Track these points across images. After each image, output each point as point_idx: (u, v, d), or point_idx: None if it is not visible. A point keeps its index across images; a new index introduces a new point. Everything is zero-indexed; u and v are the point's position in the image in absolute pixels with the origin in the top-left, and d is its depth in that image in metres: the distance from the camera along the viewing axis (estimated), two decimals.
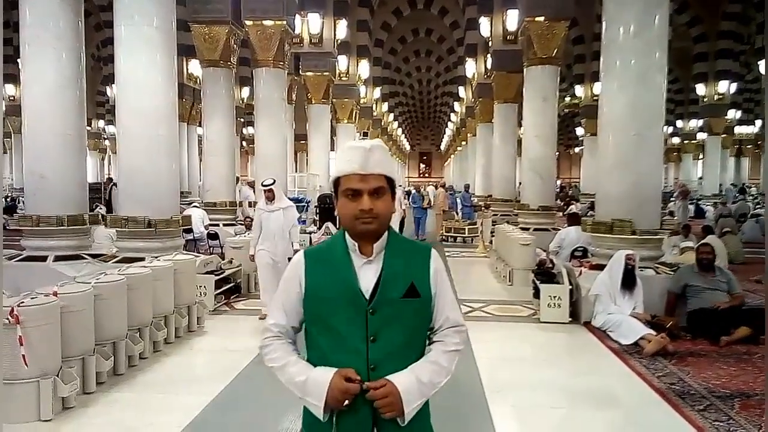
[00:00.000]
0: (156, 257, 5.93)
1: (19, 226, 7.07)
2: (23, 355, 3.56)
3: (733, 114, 25.68)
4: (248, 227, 10.91)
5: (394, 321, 1.49)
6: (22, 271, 6.52)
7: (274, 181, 6.33)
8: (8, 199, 20.55)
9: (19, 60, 6.98)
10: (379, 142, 1.54)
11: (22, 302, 3.68)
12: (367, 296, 1.49)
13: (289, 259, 5.75)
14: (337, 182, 1.53)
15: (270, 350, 1.58)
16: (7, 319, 3.57)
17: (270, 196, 6.25)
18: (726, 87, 22.87)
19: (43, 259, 6.82)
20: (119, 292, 4.55)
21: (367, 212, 1.46)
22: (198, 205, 11.94)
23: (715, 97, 23.03)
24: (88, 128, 7.74)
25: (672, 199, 19.90)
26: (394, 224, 3.02)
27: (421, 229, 14.80)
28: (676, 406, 3.97)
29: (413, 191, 16.91)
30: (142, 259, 5.93)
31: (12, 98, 21.71)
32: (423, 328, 1.58)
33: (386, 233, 1.54)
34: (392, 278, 1.50)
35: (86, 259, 6.98)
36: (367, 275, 1.50)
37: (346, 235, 1.54)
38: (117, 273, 4.79)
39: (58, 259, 6.83)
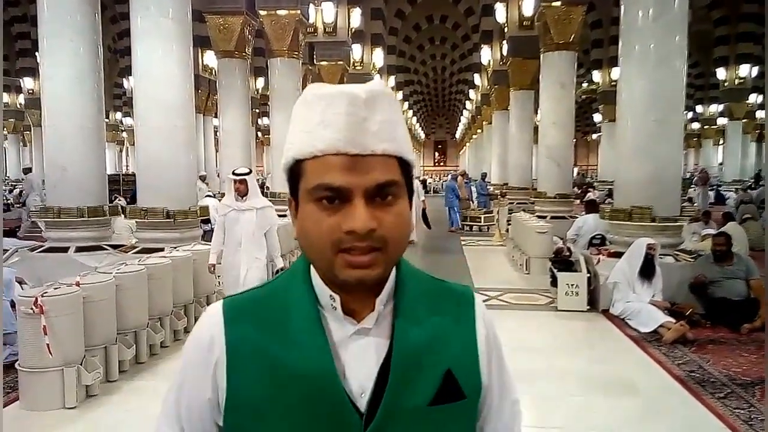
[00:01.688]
0: (175, 247, 5.99)
1: (41, 217, 7.18)
2: (47, 345, 3.64)
3: (754, 98, 25.17)
4: None
5: None
6: (45, 262, 6.64)
7: (251, 170, 5.11)
8: None
9: (37, 53, 7.06)
10: (382, 86, 0.75)
11: (46, 292, 3.75)
12: (363, 405, 0.74)
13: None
14: (295, 170, 0.75)
15: None
16: (32, 309, 3.65)
17: (242, 190, 4.81)
18: (747, 71, 22.39)
19: (65, 250, 6.92)
20: (140, 282, 4.62)
21: (363, 237, 0.70)
22: (211, 194, 12.04)
23: (736, 81, 22.57)
24: (106, 120, 7.86)
25: (692, 185, 19.64)
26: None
27: (455, 220, 14.19)
28: (696, 394, 3.95)
29: (450, 179, 16.29)
30: (161, 250, 6.00)
31: (31, 91, 21.99)
32: None
33: (393, 271, 0.79)
34: (410, 364, 0.76)
35: (107, 249, 7.08)
36: (361, 360, 0.76)
37: (314, 278, 0.78)
38: (137, 263, 4.86)
39: (79, 250, 6.93)
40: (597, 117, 26.98)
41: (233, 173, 4.90)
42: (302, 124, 0.74)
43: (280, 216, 5.78)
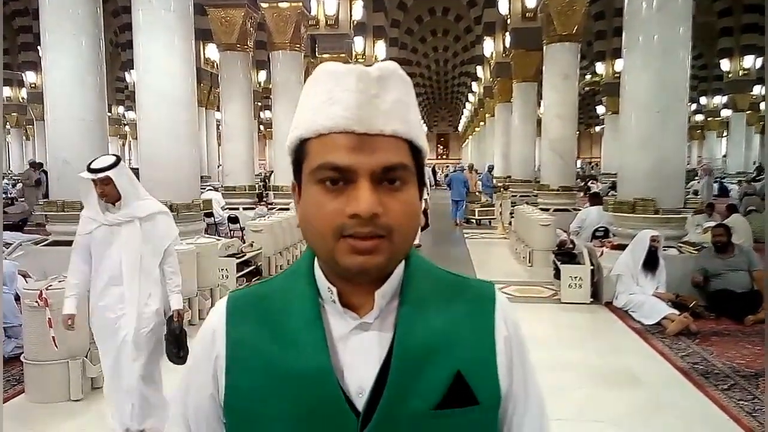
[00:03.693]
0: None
1: (45, 211, 7.19)
2: (53, 337, 3.65)
3: (758, 90, 25.05)
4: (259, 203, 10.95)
5: None
6: (49, 256, 6.63)
7: (118, 160, 3.06)
8: None
9: (39, 47, 7.05)
10: (396, 67, 0.71)
11: (50, 286, 3.77)
12: (361, 405, 0.70)
13: (173, 332, 3.08)
14: (300, 151, 0.71)
15: None
16: (36, 302, 3.67)
17: (110, 194, 3.02)
18: (752, 62, 22.27)
19: (69, 243, 6.87)
20: None
21: (366, 222, 0.66)
22: (212, 188, 12.05)
23: (740, 72, 22.47)
24: (108, 114, 7.87)
25: (696, 177, 19.61)
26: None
27: (460, 214, 14.02)
28: (699, 386, 3.95)
29: (457, 170, 15.81)
30: None
31: (33, 85, 22.01)
32: None
33: (402, 264, 0.75)
34: (412, 363, 0.71)
35: None
36: (361, 358, 0.72)
37: (316, 270, 0.75)
38: None
39: None
40: (600, 109, 26.90)
41: (88, 169, 3.01)
42: (309, 102, 0.71)
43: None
